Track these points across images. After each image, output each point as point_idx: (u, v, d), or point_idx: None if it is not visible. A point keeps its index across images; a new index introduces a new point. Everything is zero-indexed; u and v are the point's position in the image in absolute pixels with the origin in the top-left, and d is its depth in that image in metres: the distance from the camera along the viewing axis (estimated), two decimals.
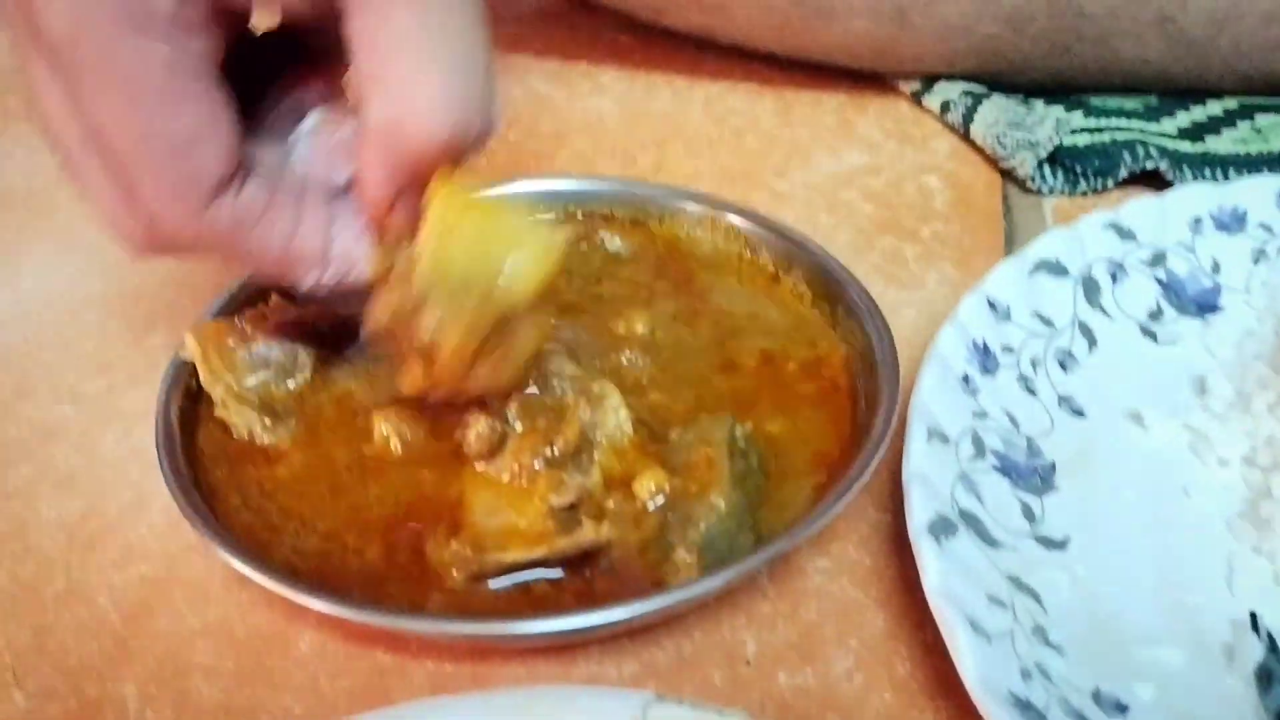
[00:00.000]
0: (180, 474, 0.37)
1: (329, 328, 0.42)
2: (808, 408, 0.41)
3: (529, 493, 0.36)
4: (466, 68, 0.33)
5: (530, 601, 0.35)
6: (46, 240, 0.55)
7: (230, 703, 0.35)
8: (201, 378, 0.40)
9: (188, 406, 0.40)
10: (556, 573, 0.35)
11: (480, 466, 0.37)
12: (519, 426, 0.38)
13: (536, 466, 0.36)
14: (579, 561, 0.35)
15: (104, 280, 0.52)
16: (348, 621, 0.35)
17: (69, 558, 0.40)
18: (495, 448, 0.37)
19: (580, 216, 0.49)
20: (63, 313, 0.50)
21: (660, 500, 0.36)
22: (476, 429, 0.37)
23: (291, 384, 0.41)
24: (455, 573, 0.35)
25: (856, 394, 0.41)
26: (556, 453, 0.36)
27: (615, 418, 0.38)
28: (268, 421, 0.39)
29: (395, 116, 0.33)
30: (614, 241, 0.48)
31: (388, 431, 0.39)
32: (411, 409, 0.39)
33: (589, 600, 0.35)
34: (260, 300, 0.43)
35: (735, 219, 0.48)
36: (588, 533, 0.35)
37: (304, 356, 0.41)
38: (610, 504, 0.36)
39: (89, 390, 0.46)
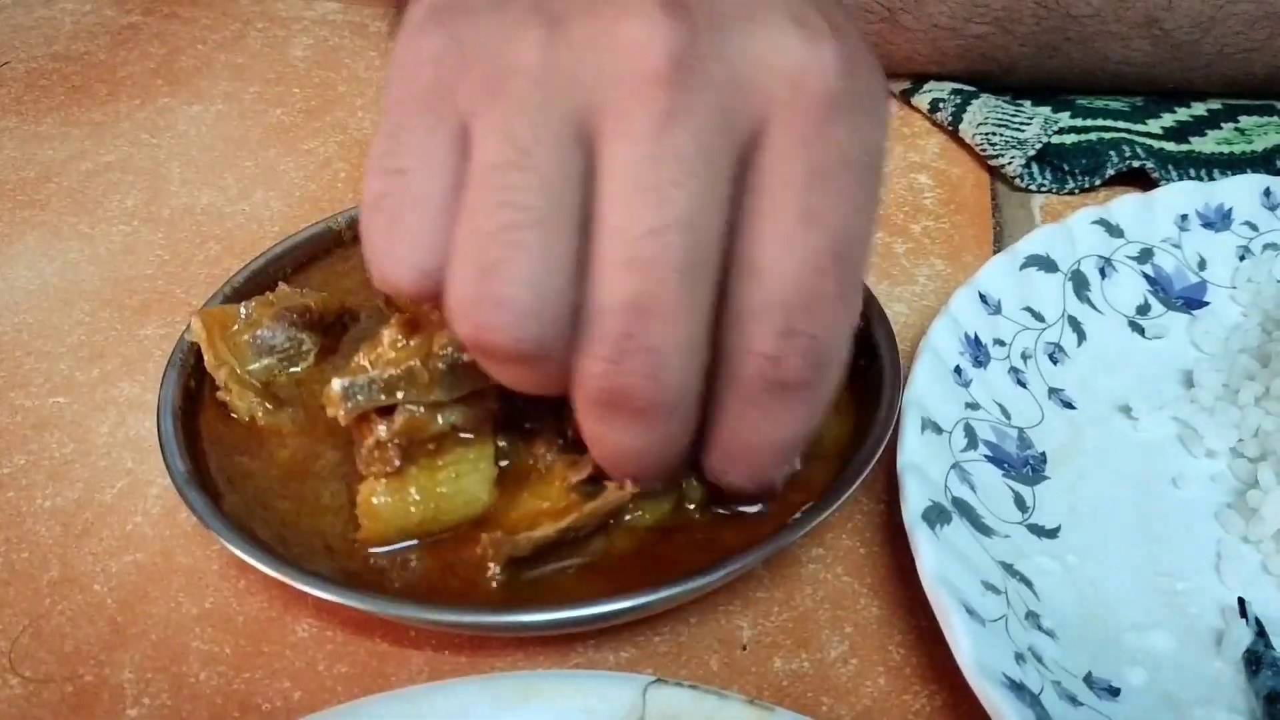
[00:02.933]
0: (182, 457, 0.37)
1: (335, 317, 0.43)
2: None
3: (548, 478, 0.36)
4: None
5: (534, 588, 0.35)
6: (39, 230, 0.54)
7: (227, 688, 0.35)
8: (206, 360, 0.40)
9: (190, 390, 0.40)
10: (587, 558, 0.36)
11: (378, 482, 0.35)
12: (527, 424, 0.38)
13: (550, 458, 0.36)
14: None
15: (97, 270, 0.52)
16: (345, 608, 0.35)
17: (64, 545, 0.40)
18: (394, 458, 0.35)
19: None
20: (55, 302, 0.50)
21: None
22: (371, 440, 0.35)
23: (295, 370, 0.41)
24: (490, 562, 0.35)
25: (859, 386, 0.41)
26: (567, 442, 0.37)
27: None
28: (269, 406, 0.40)
29: None
30: None
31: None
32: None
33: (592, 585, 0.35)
34: (268, 290, 0.43)
35: None
36: (612, 493, 0.35)
37: (308, 343, 0.41)
38: None
39: (82, 379, 0.46)
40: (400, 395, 0.35)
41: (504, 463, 0.37)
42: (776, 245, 0.29)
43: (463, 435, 0.36)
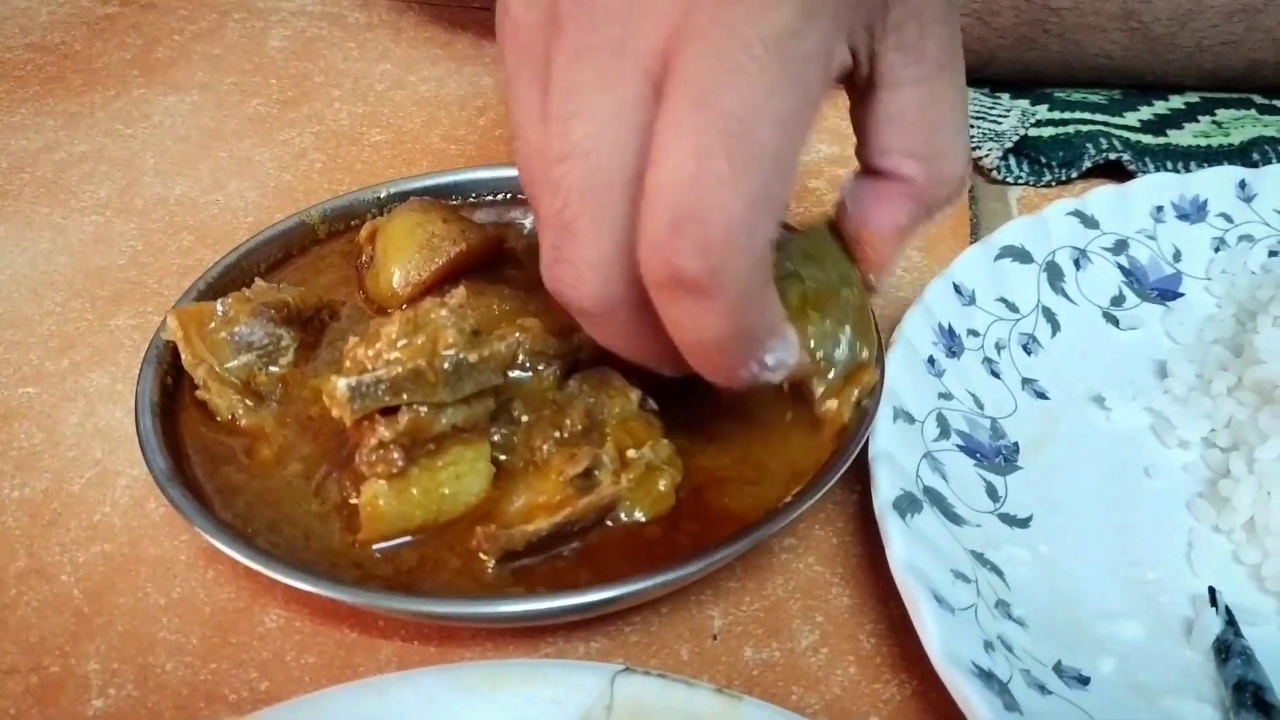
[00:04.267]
0: (162, 456, 0.36)
1: (313, 312, 0.42)
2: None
3: (545, 471, 0.36)
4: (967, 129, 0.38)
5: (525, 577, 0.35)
6: (10, 220, 0.54)
7: (195, 678, 0.35)
8: (183, 359, 0.39)
9: (167, 387, 0.40)
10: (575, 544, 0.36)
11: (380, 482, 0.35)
12: (524, 419, 0.38)
13: (546, 450, 0.36)
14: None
15: (68, 260, 0.51)
16: (314, 597, 0.34)
17: (31, 535, 0.39)
18: (397, 459, 0.35)
19: None
20: (26, 292, 0.50)
21: (648, 453, 0.37)
22: (374, 441, 0.35)
23: (274, 367, 0.41)
24: (485, 555, 0.35)
25: None
26: (565, 436, 0.36)
27: (623, 400, 0.38)
28: (249, 403, 0.39)
29: (937, 177, 0.36)
30: None
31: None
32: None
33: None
34: (243, 285, 0.42)
35: None
36: (607, 487, 0.35)
37: (287, 340, 0.41)
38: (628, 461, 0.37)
39: (52, 369, 0.46)
40: (405, 396, 0.34)
41: (501, 457, 0.37)
42: (666, 133, 0.29)
43: (462, 433, 0.36)
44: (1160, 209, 0.48)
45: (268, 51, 0.67)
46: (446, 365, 0.35)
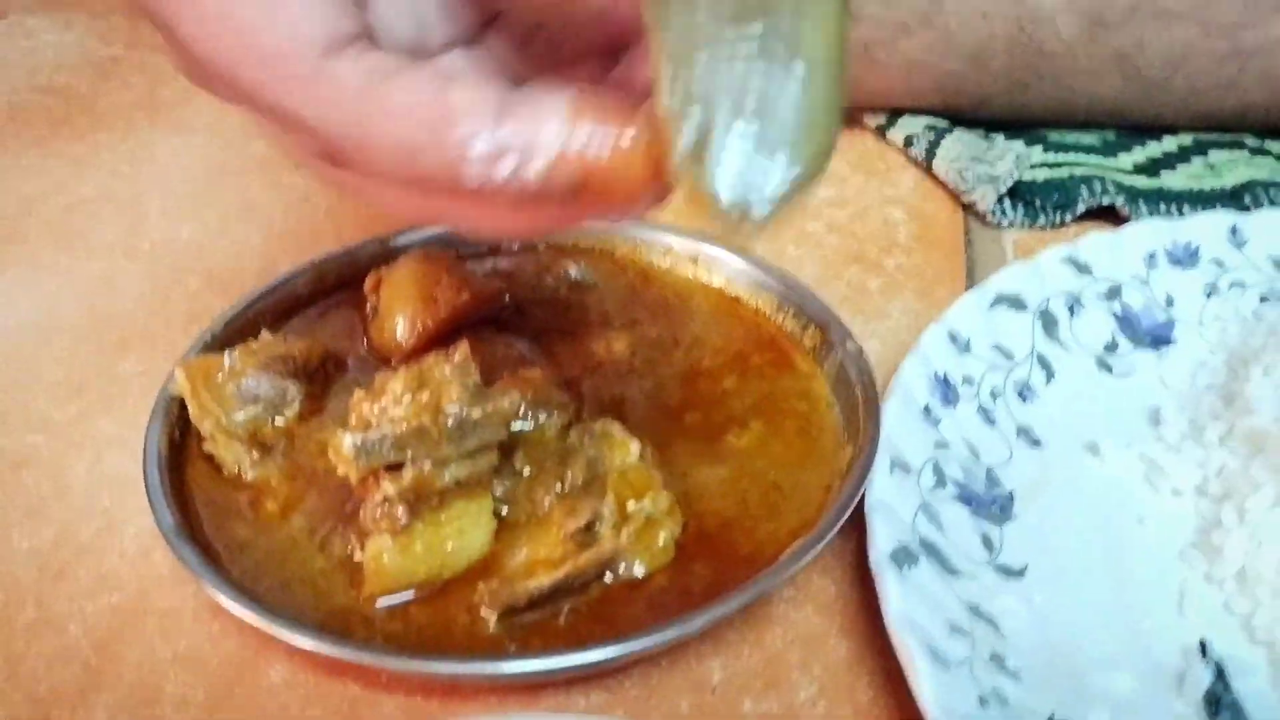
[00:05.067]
0: (171, 511, 0.37)
1: (319, 364, 0.43)
2: (794, 437, 0.42)
3: (546, 525, 0.37)
4: None
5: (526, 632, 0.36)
6: (18, 265, 0.55)
7: None
8: (190, 412, 0.40)
9: (174, 440, 0.40)
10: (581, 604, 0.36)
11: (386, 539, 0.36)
12: (526, 471, 0.38)
13: (547, 504, 0.37)
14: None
15: (75, 305, 0.52)
16: (319, 654, 0.35)
17: (40, 586, 0.40)
18: (401, 516, 0.36)
19: (542, 249, 0.50)
20: (34, 338, 0.50)
21: (648, 506, 0.37)
22: (379, 497, 0.36)
23: (280, 419, 0.41)
24: (486, 611, 0.35)
25: (839, 429, 0.42)
26: (566, 489, 0.37)
27: (623, 451, 0.39)
28: (256, 456, 0.40)
29: None
30: (578, 270, 0.49)
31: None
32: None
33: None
34: (249, 335, 0.43)
35: (704, 250, 0.49)
36: (607, 541, 0.36)
37: (293, 392, 0.42)
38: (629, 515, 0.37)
39: (60, 417, 0.46)
40: (409, 452, 0.35)
41: (503, 509, 0.38)
42: None
43: (464, 488, 0.37)
44: (1153, 255, 0.49)
45: None
46: (450, 422, 0.35)
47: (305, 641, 0.33)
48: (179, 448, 0.40)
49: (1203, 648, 0.36)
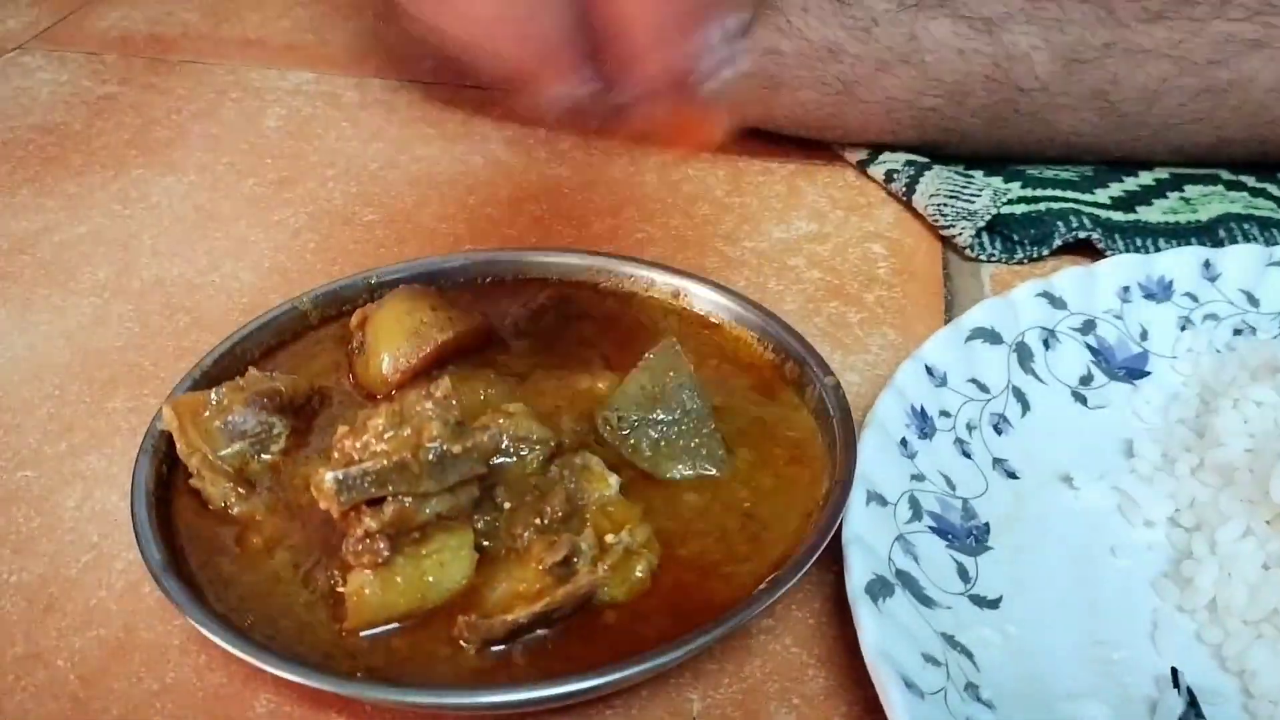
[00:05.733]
0: (157, 547, 0.38)
1: (304, 399, 0.44)
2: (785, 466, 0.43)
3: (525, 559, 0.37)
4: None
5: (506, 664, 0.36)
6: (10, 303, 0.55)
7: None
8: (178, 448, 0.41)
9: (162, 475, 0.41)
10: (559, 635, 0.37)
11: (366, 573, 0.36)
12: (507, 504, 0.39)
13: (527, 538, 0.37)
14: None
15: (66, 342, 0.53)
16: (304, 686, 0.35)
17: (29, 621, 0.40)
18: (383, 549, 0.36)
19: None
20: (25, 374, 0.51)
21: (625, 538, 0.38)
22: (360, 531, 0.36)
23: (266, 455, 0.42)
24: (465, 642, 0.36)
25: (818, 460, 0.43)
26: (546, 522, 0.38)
27: (602, 484, 0.39)
28: (241, 491, 0.40)
29: None
30: (561, 303, 0.50)
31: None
32: None
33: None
34: (237, 372, 0.44)
35: (687, 285, 0.50)
36: (584, 575, 0.36)
37: (279, 428, 0.42)
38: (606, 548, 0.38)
39: (50, 453, 0.47)
40: (390, 487, 0.36)
41: (484, 542, 0.38)
42: None
43: (446, 521, 0.37)
44: (1127, 289, 0.50)
45: (264, 131, 0.69)
46: (431, 457, 0.36)
47: (290, 674, 0.34)
48: (166, 483, 0.41)
49: (1175, 677, 0.36)
